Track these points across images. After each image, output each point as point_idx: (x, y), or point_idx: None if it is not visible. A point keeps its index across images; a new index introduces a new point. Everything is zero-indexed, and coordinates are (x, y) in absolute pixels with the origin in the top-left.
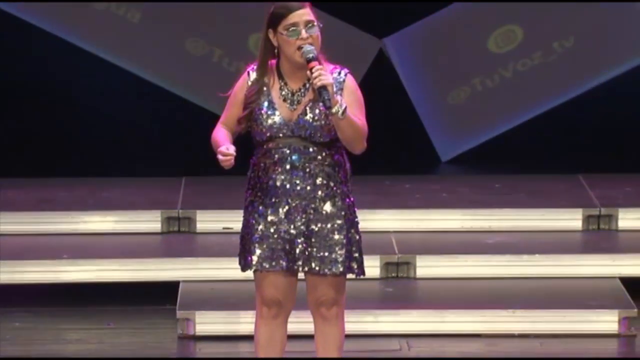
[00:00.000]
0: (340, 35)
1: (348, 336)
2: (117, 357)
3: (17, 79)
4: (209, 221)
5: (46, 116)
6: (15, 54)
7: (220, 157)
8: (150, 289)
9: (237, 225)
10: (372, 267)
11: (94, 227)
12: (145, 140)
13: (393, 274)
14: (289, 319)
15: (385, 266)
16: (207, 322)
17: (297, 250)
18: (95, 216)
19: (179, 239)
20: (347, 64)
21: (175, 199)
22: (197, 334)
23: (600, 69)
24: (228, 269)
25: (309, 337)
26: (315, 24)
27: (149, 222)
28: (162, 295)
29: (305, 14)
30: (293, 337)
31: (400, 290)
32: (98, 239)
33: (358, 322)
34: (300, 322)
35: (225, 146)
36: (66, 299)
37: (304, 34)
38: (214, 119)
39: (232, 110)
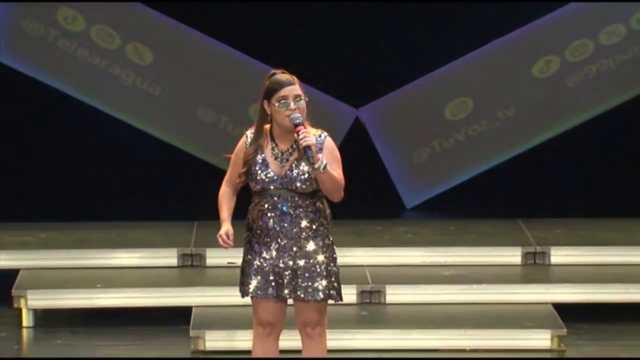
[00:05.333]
0: (321, 104)
1: (329, 351)
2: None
3: (64, 145)
4: (216, 257)
5: (83, 171)
6: (62, 128)
7: (220, 242)
8: (168, 313)
9: (239, 261)
10: (350, 294)
11: (122, 262)
12: (164, 192)
13: (367, 300)
14: (280, 337)
15: (361, 294)
16: (215, 340)
17: (285, 281)
18: (123, 253)
19: (192, 272)
20: (328, 130)
21: (189, 239)
22: (207, 349)
23: (535, 134)
24: (232, 296)
25: (297, 352)
26: (302, 97)
27: (167, 258)
28: (178, 318)
29: (294, 89)
30: (284, 352)
31: (373, 313)
32: (125, 271)
33: (338, 339)
34: (290, 340)
35: (225, 231)
36: (99, 321)
37: (292, 105)
38: (220, 173)
39: (234, 168)
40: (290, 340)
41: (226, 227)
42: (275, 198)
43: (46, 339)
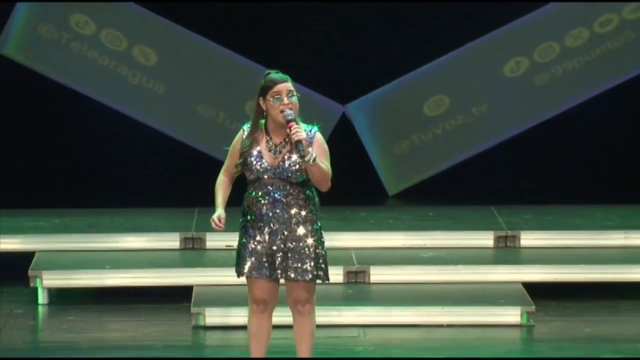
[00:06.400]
0: (311, 102)
1: (318, 326)
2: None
3: (76, 139)
4: (215, 240)
5: (93, 162)
6: (74, 123)
7: (213, 225)
8: (171, 292)
9: (236, 244)
10: (337, 274)
11: (129, 245)
12: (168, 181)
13: (353, 280)
14: (274, 314)
15: (347, 274)
16: (214, 316)
17: (277, 262)
18: (130, 237)
19: (193, 254)
20: (316, 125)
21: (190, 224)
22: (207, 325)
23: (506, 128)
24: (230, 276)
25: (288, 327)
26: (295, 93)
27: (170, 241)
28: (180, 296)
29: (287, 86)
30: (277, 327)
31: (358, 292)
32: (132, 254)
33: (326, 315)
34: (282, 316)
35: (217, 216)
36: (108, 299)
37: (285, 100)
38: (219, 164)
39: (231, 159)
40: (282, 316)
41: (219, 212)
42: (269, 187)
43: (59, 315)
